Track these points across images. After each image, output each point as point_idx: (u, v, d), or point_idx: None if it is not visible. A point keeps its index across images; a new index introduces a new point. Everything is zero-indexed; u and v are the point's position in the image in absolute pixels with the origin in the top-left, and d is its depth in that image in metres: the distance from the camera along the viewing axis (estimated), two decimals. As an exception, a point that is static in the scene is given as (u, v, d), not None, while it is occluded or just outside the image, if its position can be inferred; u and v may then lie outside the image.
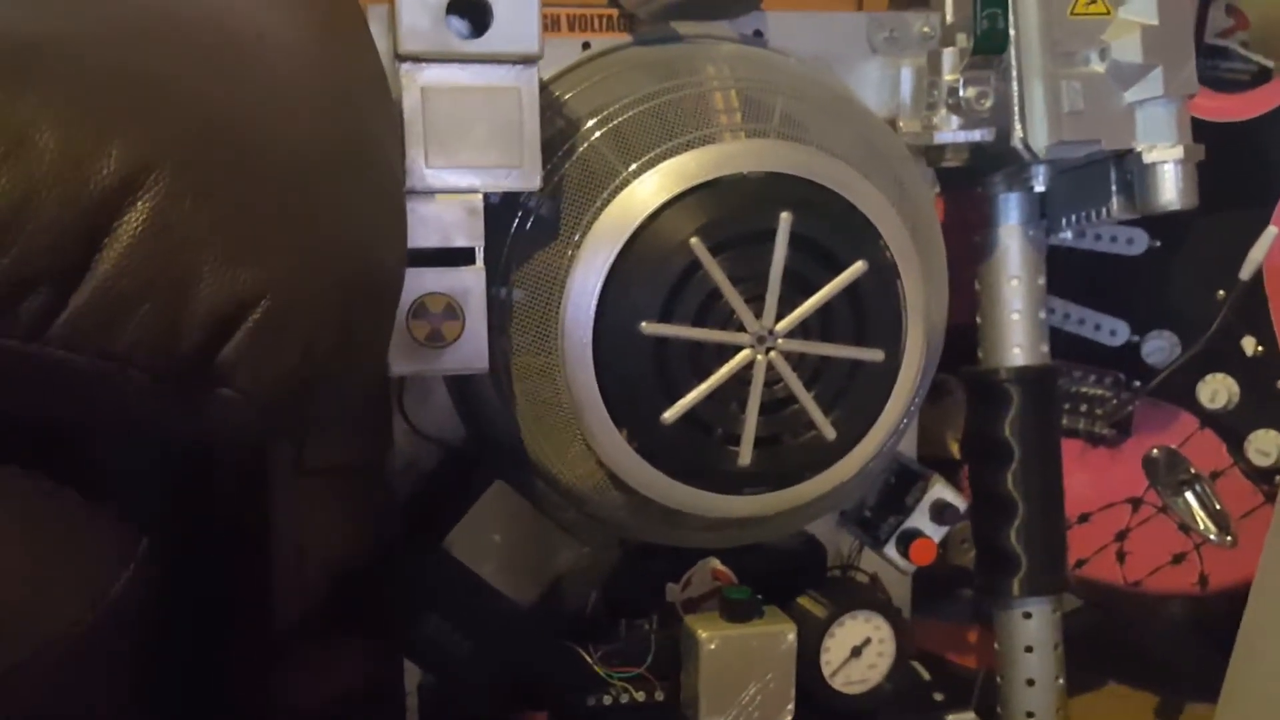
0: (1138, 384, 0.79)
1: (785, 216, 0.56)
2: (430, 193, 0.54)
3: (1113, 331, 0.80)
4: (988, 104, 0.64)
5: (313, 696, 0.64)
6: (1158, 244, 0.78)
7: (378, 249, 0.41)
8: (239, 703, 0.61)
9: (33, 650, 0.39)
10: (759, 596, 0.68)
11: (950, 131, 0.65)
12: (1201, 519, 0.80)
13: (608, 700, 0.67)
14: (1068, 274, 0.78)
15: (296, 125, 0.38)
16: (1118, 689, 0.91)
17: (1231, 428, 0.78)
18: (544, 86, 0.61)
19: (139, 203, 0.34)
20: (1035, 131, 0.64)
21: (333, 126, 0.40)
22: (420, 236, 0.54)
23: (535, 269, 0.58)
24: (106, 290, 0.34)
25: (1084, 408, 0.81)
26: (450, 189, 0.54)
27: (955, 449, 0.84)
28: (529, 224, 0.59)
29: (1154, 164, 0.64)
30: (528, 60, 0.54)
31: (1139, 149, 0.65)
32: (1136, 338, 0.79)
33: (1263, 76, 0.81)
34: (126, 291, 0.34)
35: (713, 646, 0.65)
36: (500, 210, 0.58)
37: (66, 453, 0.39)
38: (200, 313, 0.35)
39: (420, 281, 0.54)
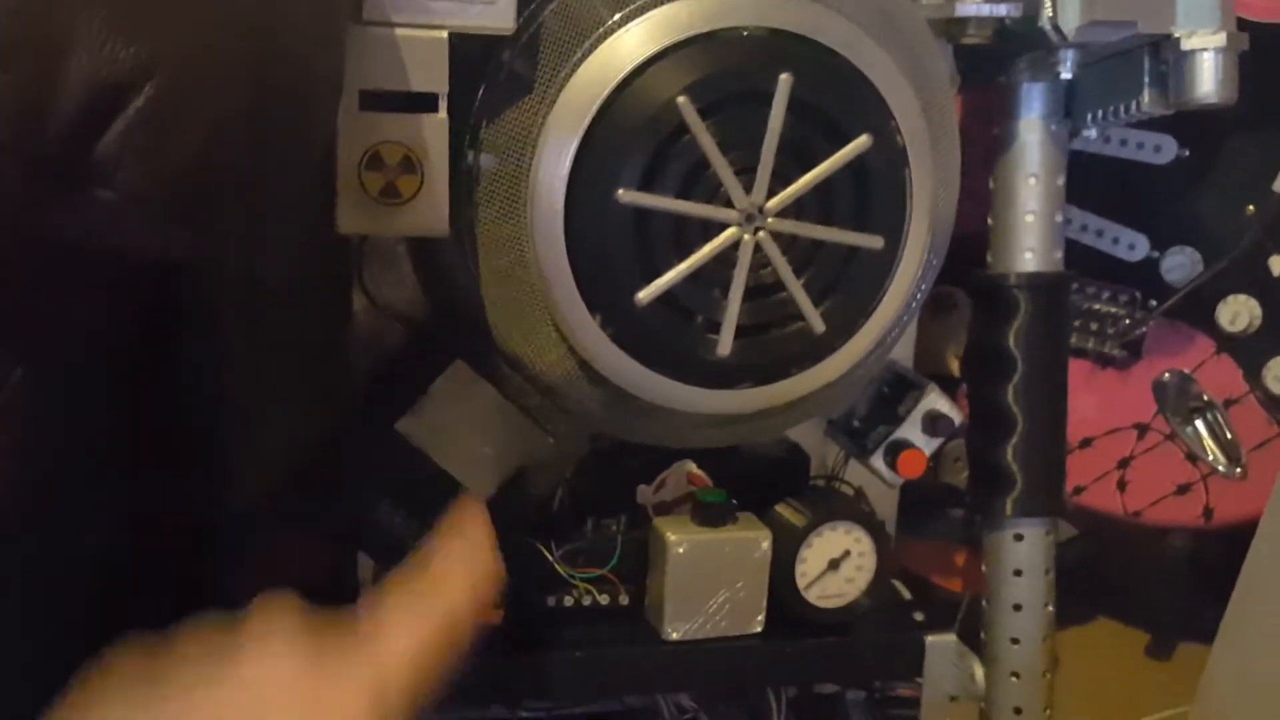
0: (1154, 303, 0.74)
1: (785, 78, 0.50)
2: (389, 25, 0.48)
3: (1131, 245, 0.75)
4: (1016, -27, 0.58)
5: (263, 585, 0.61)
6: (1186, 153, 0.72)
7: (302, 49, 0.36)
8: (183, 587, 0.57)
9: None
10: (734, 502, 0.63)
11: (974, 4, 0.59)
12: (1210, 448, 0.76)
13: (568, 601, 0.63)
14: (1088, 181, 0.72)
15: None
16: (1108, 624, 0.88)
17: (1250, 353, 0.73)
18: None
19: None
20: (1066, 10, 0.58)
21: None
22: (377, 76, 0.48)
23: (506, 130, 0.52)
24: None
25: (1095, 326, 0.76)
26: (411, 22, 0.48)
27: (956, 367, 0.79)
28: (502, 78, 0.53)
29: (1192, 52, 0.59)
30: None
31: (1177, 34, 0.59)
32: (1156, 253, 0.74)
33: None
34: None
35: (681, 550, 0.61)
36: (474, 65, 0.53)
37: None
38: (72, 89, 0.29)
39: (375, 127, 0.49)
